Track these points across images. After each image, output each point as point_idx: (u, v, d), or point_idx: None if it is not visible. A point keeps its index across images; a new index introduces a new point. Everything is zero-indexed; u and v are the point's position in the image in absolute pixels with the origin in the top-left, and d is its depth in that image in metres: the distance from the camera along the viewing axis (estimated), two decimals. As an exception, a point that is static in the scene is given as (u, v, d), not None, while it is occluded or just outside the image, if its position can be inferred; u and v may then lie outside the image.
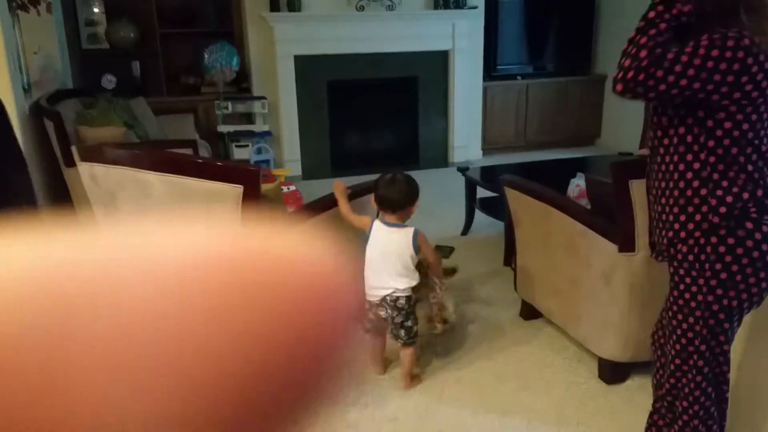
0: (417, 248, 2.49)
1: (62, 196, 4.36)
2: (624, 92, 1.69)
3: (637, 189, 2.26)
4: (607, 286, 2.49)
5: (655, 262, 2.31)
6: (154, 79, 5.93)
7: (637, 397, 2.54)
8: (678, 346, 1.87)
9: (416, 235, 2.49)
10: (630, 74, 1.64)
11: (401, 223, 2.52)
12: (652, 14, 1.68)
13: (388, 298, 2.50)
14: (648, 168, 1.89)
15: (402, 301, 2.50)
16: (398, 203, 2.49)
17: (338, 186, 2.71)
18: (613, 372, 2.63)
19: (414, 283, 2.53)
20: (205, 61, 5.69)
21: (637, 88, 1.65)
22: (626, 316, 2.46)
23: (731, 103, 1.61)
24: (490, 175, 4.31)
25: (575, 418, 2.42)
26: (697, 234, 1.72)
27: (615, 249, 2.41)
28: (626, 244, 2.37)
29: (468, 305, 3.35)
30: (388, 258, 2.49)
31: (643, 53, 1.63)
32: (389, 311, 2.51)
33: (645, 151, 2.22)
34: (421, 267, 2.79)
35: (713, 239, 1.69)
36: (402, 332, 2.55)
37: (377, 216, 2.55)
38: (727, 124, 1.63)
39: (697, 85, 1.59)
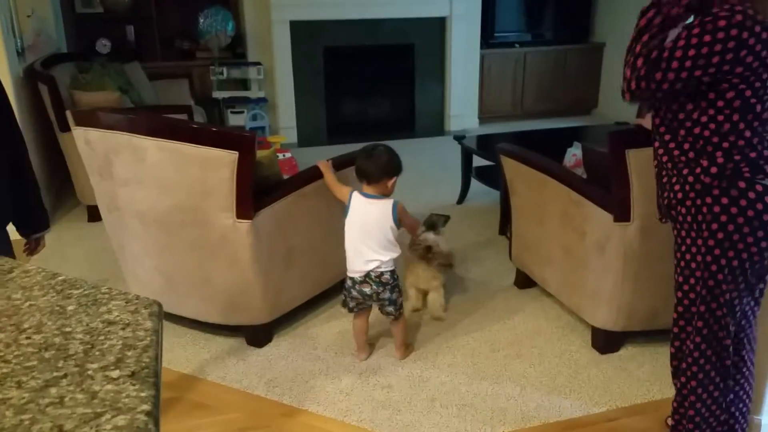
0: (397, 220, 2.44)
1: (57, 161, 4.34)
2: (633, 100, 1.79)
3: (634, 158, 2.26)
4: (601, 256, 2.51)
5: (650, 232, 2.33)
6: (148, 44, 5.86)
7: (629, 366, 2.57)
8: (681, 308, 1.91)
9: (396, 206, 2.44)
10: (633, 85, 1.74)
11: (380, 195, 2.46)
12: (643, 21, 1.75)
13: (372, 273, 2.45)
14: (653, 132, 1.92)
15: (387, 276, 2.46)
16: (372, 174, 2.43)
17: (322, 164, 2.72)
18: (606, 341, 2.66)
19: (396, 255, 2.49)
20: (200, 26, 5.61)
21: (644, 95, 1.74)
22: (619, 285, 2.48)
23: (734, 77, 1.63)
24: (486, 144, 4.30)
25: (567, 386, 2.45)
26: (692, 195, 1.75)
27: (610, 218, 2.41)
28: (621, 214, 2.37)
29: (462, 273, 3.38)
30: (368, 230, 2.44)
31: (640, 62, 1.71)
32: (374, 287, 2.47)
33: (641, 121, 2.22)
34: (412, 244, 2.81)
35: (708, 200, 1.72)
36: (391, 308, 2.52)
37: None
38: (730, 94, 1.65)
39: (698, 72, 1.62)
